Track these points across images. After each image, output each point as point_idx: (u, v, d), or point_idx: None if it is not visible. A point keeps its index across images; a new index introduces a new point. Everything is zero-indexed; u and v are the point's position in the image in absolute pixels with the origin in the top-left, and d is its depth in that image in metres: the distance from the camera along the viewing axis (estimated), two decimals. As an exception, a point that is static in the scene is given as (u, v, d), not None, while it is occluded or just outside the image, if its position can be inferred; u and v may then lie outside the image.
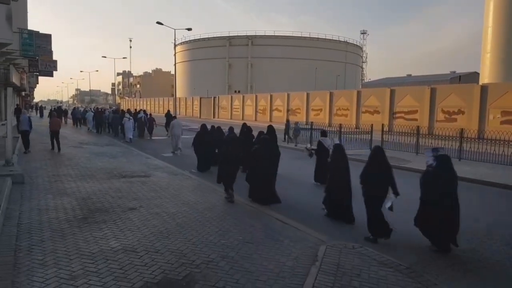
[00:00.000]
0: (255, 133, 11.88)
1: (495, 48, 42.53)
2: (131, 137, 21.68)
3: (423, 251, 6.09)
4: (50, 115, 21.93)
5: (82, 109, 40.72)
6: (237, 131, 12.51)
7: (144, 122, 23.78)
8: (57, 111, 30.67)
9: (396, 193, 6.34)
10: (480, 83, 32.33)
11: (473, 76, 50.09)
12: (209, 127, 14.39)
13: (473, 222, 7.37)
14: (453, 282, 5.10)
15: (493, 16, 41.98)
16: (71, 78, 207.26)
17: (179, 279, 4.69)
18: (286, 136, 21.27)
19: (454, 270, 5.45)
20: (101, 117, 27.84)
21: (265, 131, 11.39)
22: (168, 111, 32.80)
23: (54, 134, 16.43)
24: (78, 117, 34.11)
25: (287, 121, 23.08)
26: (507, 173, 12.72)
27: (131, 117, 23.17)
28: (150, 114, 27.66)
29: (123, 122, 22.63)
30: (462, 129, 16.07)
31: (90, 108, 42.91)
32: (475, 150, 14.68)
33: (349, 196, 7.48)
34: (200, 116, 59.28)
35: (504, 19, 40.62)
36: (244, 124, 13.32)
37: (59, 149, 16.26)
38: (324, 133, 11.33)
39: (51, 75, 35.59)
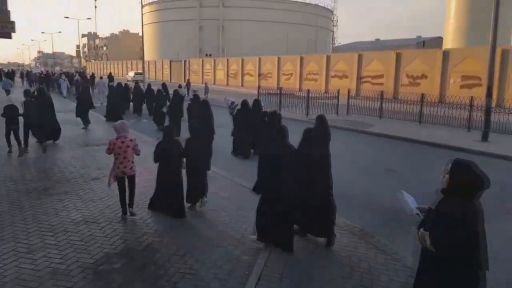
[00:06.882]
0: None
1: (458, 14, 43.33)
2: (65, 95, 26.38)
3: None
4: None
5: (36, 73, 48.86)
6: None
7: (80, 83, 26.73)
8: (8, 74, 38.19)
9: None
10: (443, 48, 32.98)
11: (438, 41, 50.85)
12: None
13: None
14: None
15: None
16: (32, 40, 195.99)
17: (140, 249, 4.80)
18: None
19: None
20: (47, 79, 33.54)
21: None
22: (110, 73, 39.32)
23: None
24: (32, 79, 39.62)
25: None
26: (455, 133, 13.55)
27: (66, 79, 29.65)
28: (86, 76, 35.88)
29: (59, 82, 28.50)
30: (422, 94, 16.57)
31: (41, 72, 51.33)
32: (434, 114, 15.21)
33: None
34: (170, 80, 57.72)
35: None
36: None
37: None
38: (179, 86, 17.83)
39: (9, 37, 33.50)
